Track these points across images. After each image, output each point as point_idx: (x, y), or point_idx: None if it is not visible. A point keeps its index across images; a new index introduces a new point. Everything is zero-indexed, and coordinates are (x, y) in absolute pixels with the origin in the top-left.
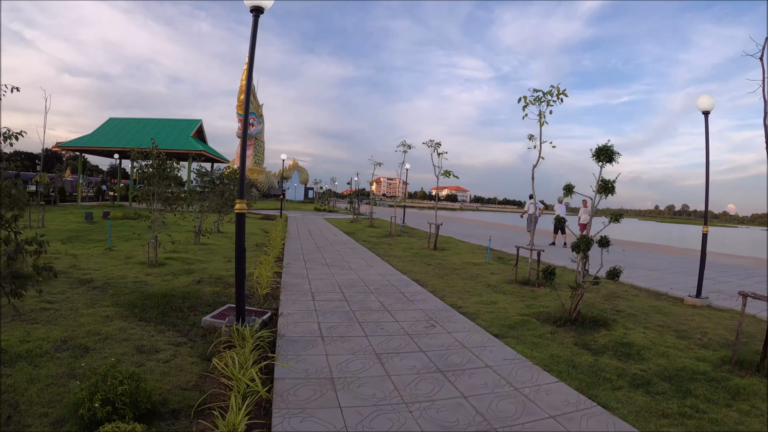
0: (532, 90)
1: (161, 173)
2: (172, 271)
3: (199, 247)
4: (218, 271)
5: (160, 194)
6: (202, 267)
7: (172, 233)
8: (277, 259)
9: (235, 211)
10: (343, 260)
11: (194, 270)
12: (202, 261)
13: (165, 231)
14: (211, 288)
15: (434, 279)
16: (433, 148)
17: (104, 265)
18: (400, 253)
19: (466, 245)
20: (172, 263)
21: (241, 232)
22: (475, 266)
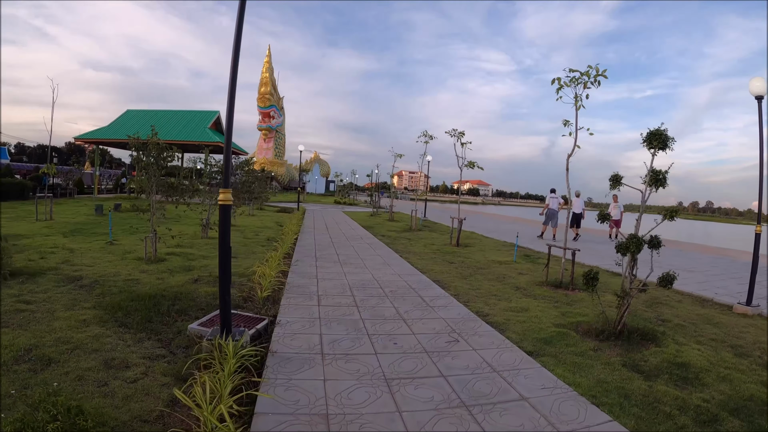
0: (567, 70)
1: (159, 162)
2: (169, 268)
3: (206, 242)
4: None
5: (159, 184)
6: (203, 264)
7: (181, 226)
8: (287, 255)
9: (219, 203)
10: (358, 257)
11: (194, 267)
12: (206, 257)
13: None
14: (208, 288)
15: (457, 280)
16: (457, 137)
17: (99, 261)
18: (421, 249)
19: (491, 241)
20: (173, 259)
21: (225, 228)
22: (502, 265)
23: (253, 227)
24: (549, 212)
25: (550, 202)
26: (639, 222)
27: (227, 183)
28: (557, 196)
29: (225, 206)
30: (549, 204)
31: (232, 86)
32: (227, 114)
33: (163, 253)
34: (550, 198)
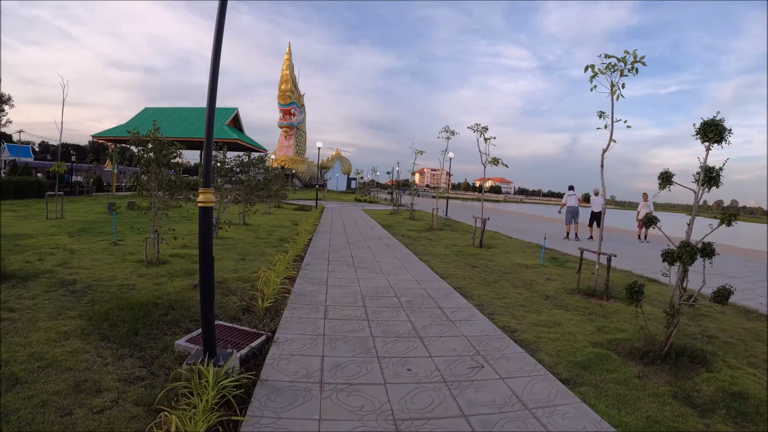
0: (603, 56)
1: (160, 159)
2: (170, 272)
3: (216, 242)
4: (225, 272)
5: (161, 182)
6: None
7: (191, 225)
8: (298, 257)
9: (198, 204)
10: (374, 260)
11: (197, 270)
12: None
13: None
14: None
15: (480, 287)
16: (480, 132)
17: (97, 264)
18: (441, 251)
19: (515, 242)
20: (176, 261)
21: (206, 235)
22: (528, 269)
23: (268, 226)
24: (568, 210)
25: (568, 200)
26: (691, 227)
27: (207, 181)
28: (575, 193)
29: (205, 209)
30: (566, 202)
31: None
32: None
33: (167, 254)
34: (568, 195)
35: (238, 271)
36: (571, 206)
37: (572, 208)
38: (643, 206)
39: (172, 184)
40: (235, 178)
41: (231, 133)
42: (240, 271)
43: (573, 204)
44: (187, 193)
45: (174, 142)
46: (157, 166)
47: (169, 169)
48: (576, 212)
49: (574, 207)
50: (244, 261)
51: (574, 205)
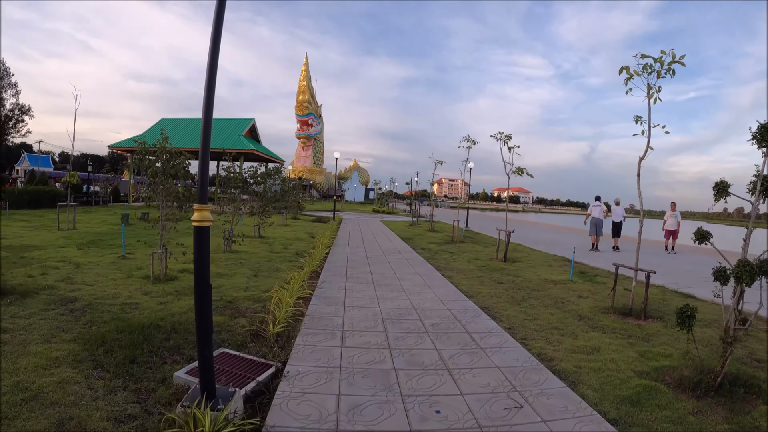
0: (639, 56)
1: (167, 170)
2: (177, 290)
3: (228, 256)
4: (235, 290)
5: (168, 193)
6: (218, 284)
7: None
8: (314, 274)
9: (193, 224)
10: (394, 276)
11: None
12: (223, 275)
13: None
14: (215, 316)
15: (509, 307)
16: (503, 141)
17: (102, 279)
18: (465, 265)
19: (539, 255)
20: (185, 278)
21: (202, 260)
22: (557, 285)
23: (284, 239)
24: (592, 221)
25: (592, 211)
26: (747, 243)
27: (203, 196)
28: (600, 204)
29: (201, 229)
30: (591, 212)
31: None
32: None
33: (176, 269)
34: (593, 206)
35: (249, 288)
36: (594, 217)
37: (596, 220)
38: (671, 216)
39: (179, 196)
40: (250, 189)
41: (247, 143)
42: (252, 289)
43: (597, 215)
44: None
45: (182, 152)
46: (164, 177)
47: (177, 180)
48: (600, 224)
49: (598, 218)
50: (256, 278)
51: (598, 216)
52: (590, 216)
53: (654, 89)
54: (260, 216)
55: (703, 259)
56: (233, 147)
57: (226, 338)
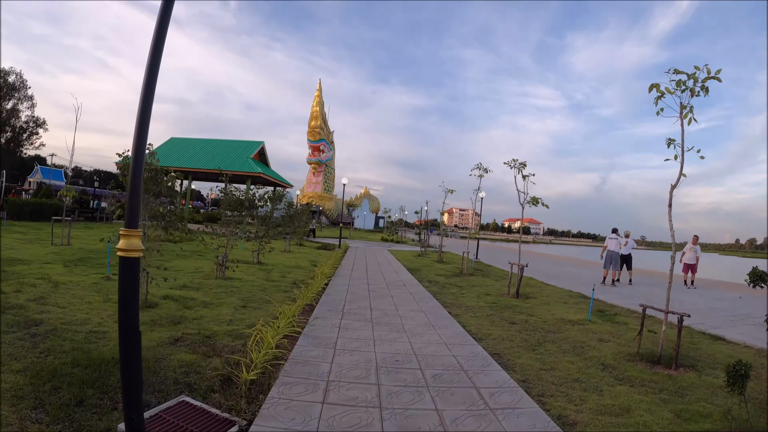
0: (671, 71)
1: (150, 188)
2: (154, 319)
3: (219, 284)
4: (218, 323)
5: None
6: (200, 314)
7: (200, 261)
8: (308, 307)
9: (119, 254)
10: (396, 314)
11: (187, 318)
12: (209, 304)
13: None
14: (187, 354)
15: (523, 352)
16: (517, 169)
17: (76, 302)
18: (474, 302)
19: (553, 290)
20: (166, 305)
21: (129, 294)
22: (575, 326)
23: (283, 267)
24: (608, 254)
25: (609, 243)
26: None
27: (133, 220)
28: (617, 237)
29: (128, 261)
30: (607, 245)
31: (146, 91)
32: (137, 132)
33: (160, 295)
34: (609, 239)
35: (233, 322)
36: (610, 251)
37: (611, 253)
38: (690, 249)
39: (158, 216)
40: (246, 213)
41: (255, 166)
42: (236, 322)
43: (613, 248)
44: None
45: (169, 170)
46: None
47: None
48: (616, 257)
49: (614, 251)
50: (245, 309)
51: (614, 249)
52: (606, 249)
53: (687, 108)
54: (259, 241)
55: (725, 295)
56: (240, 169)
57: (192, 382)
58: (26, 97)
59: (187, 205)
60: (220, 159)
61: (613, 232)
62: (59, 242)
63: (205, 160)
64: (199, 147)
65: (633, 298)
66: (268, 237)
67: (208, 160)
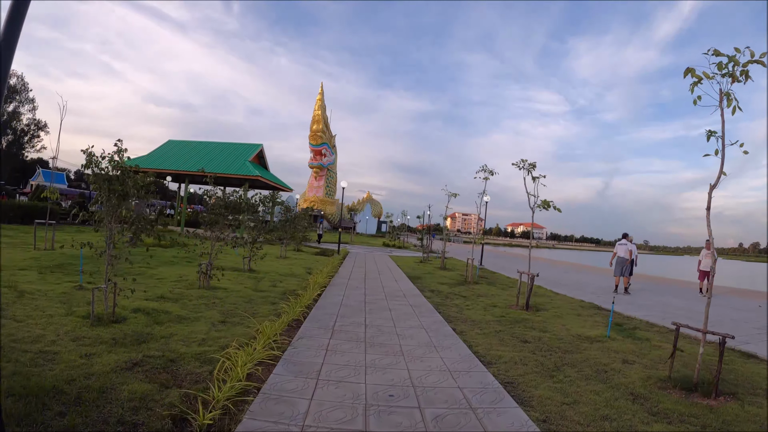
0: (710, 52)
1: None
2: (116, 336)
3: (202, 294)
4: (188, 342)
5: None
6: (170, 331)
7: (186, 269)
8: (295, 323)
9: None
10: (393, 331)
11: (154, 336)
12: (184, 319)
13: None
14: (142, 383)
15: (540, 380)
16: (526, 170)
17: (37, 314)
18: (480, 315)
19: (564, 300)
20: (135, 320)
21: None
22: (593, 344)
23: (276, 274)
24: (617, 260)
25: (618, 249)
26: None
27: None
28: (626, 243)
29: None
30: (617, 251)
31: None
32: None
33: (131, 308)
34: (619, 245)
35: (207, 341)
36: (620, 257)
37: (621, 259)
38: (707, 255)
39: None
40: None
41: (253, 169)
42: (210, 342)
43: (623, 254)
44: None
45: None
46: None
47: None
48: (625, 264)
49: (623, 258)
50: (223, 325)
51: (623, 255)
52: (615, 255)
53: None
54: (251, 247)
55: (743, 304)
56: (238, 172)
57: (140, 422)
58: (27, 100)
59: (185, 209)
60: (218, 162)
61: (623, 237)
62: (42, 246)
63: (203, 163)
64: (197, 150)
65: (649, 309)
66: (259, 243)
67: (206, 163)
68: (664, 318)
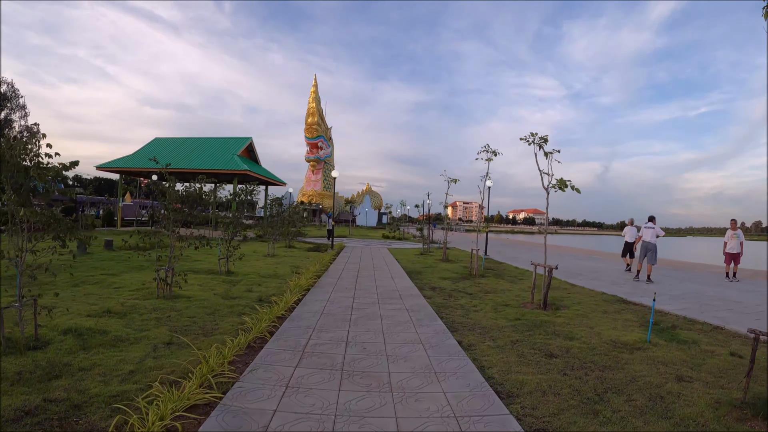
0: None
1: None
2: (24, 369)
3: (158, 305)
4: (109, 377)
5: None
6: (95, 360)
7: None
8: (257, 342)
9: None
10: (381, 350)
11: (71, 368)
12: (120, 341)
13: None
14: None
15: (581, 421)
16: (538, 145)
17: None
18: (491, 319)
19: (583, 293)
20: (61, 344)
21: None
22: (634, 354)
23: (256, 276)
24: (644, 245)
25: (644, 233)
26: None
27: None
28: (653, 226)
29: None
30: (643, 236)
31: None
32: None
33: (63, 328)
34: (645, 228)
35: (135, 374)
36: (646, 241)
37: (647, 244)
38: (732, 236)
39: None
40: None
41: (241, 163)
42: (138, 375)
43: (649, 239)
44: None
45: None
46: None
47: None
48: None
49: (650, 242)
50: (168, 348)
51: (650, 239)
52: (641, 240)
53: None
54: (227, 246)
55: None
56: (226, 167)
57: None
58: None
59: None
60: (205, 157)
61: (649, 221)
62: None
63: (189, 159)
64: (185, 146)
65: (681, 300)
66: (238, 241)
67: (192, 160)
68: (702, 311)
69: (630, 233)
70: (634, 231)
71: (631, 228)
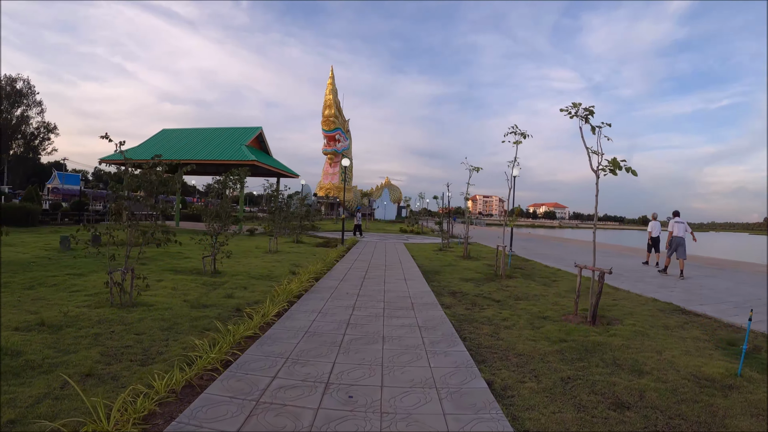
0: None
1: None
2: None
3: (109, 315)
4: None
5: None
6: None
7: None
8: (203, 377)
9: None
10: (376, 403)
11: None
12: (28, 369)
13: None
14: None
15: None
16: (583, 117)
17: None
18: (528, 343)
19: (631, 299)
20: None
21: None
22: (728, 398)
23: (245, 278)
24: (675, 240)
25: (675, 228)
26: None
27: None
28: (682, 221)
29: None
30: (673, 231)
31: None
32: None
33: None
34: (676, 223)
35: (17, 423)
36: (676, 236)
37: (678, 239)
38: None
39: None
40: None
41: (249, 154)
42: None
43: (679, 233)
44: None
45: None
46: None
47: None
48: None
49: (681, 237)
50: (84, 382)
51: (680, 234)
52: (672, 235)
53: None
54: (213, 242)
55: None
56: (233, 158)
57: None
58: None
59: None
60: (212, 148)
61: (674, 215)
62: None
63: (196, 150)
64: (192, 137)
65: (741, 306)
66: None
67: (199, 151)
68: None
69: (656, 228)
70: (659, 226)
71: (656, 223)
